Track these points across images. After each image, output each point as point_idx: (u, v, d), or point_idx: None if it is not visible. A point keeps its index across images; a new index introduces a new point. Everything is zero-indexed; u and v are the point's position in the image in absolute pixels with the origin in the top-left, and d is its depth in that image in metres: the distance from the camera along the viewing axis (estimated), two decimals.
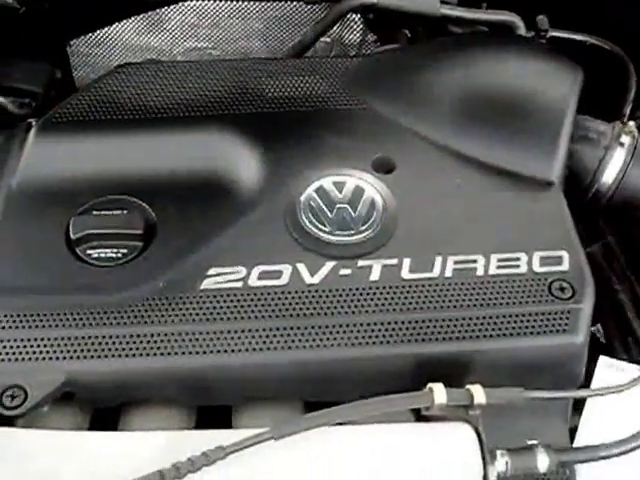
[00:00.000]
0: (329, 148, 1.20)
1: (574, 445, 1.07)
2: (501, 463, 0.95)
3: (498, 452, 0.96)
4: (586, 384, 1.09)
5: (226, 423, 1.05)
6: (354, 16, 1.72)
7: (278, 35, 1.73)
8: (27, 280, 1.07)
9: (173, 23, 1.69)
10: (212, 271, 1.06)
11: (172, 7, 1.68)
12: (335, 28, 1.67)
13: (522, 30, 1.46)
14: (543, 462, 0.96)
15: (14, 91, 1.44)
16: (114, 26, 1.68)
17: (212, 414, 1.07)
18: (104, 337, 1.00)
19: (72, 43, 1.67)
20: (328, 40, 1.72)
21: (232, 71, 1.31)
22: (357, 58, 1.37)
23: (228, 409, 1.07)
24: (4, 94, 1.42)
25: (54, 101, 1.37)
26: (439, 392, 0.94)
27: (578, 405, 1.09)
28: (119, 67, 1.31)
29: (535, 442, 0.99)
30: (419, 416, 1.02)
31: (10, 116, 1.42)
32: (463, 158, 1.19)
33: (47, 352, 1.00)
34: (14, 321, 1.02)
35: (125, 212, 1.12)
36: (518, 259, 1.08)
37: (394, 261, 1.07)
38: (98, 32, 1.67)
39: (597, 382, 1.10)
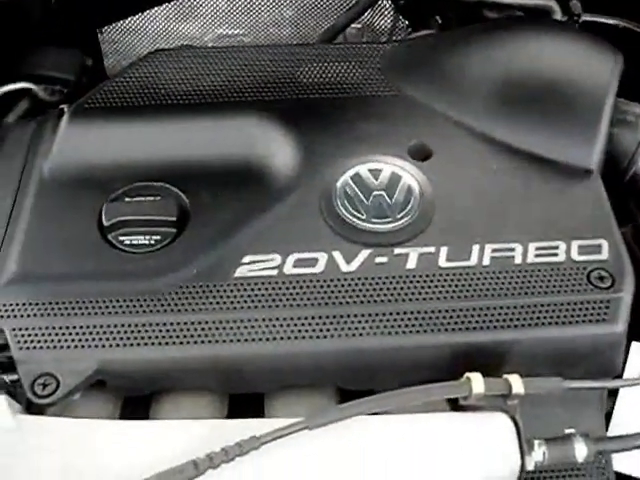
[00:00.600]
0: (364, 134, 1.19)
1: (608, 433, 1.06)
2: (538, 453, 0.94)
3: (535, 442, 0.95)
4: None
5: (258, 411, 1.05)
6: (385, 2, 1.71)
7: (309, 22, 1.72)
8: (59, 267, 1.06)
9: (204, 10, 1.69)
10: (246, 259, 1.05)
11: None
12: (366, 14, 1.66)
13: (558, 14, 1.44)
14: (581, 452, 0.94)
15: (46, 79, 1.44)
16: (145, 13, 1.67)
17: (243, 402, 1.06)
18: (137, 325, 1.00)
19: (103, 30, 1.66)
20: (359, 26, 1.71)
21: (266, 57, 1.30)
22: (391, 44, 1.35)
23: (260, 397, 1.06)
24: (36, 81, 1.41)
25: (85, 89, 1.36)
26: (477, 382, 0.93)
27: (612, 392, 1.08)
28: (152, 53, 1.30)
29: (572, 431, 0.97)
30: (454, 406, 1.01)
31: (41, 103, 1.41)
32: (500, 145, 1.17)
33: (79, 340, 0.99)
34: (45, 308, 1.01)
35: (158, 198, 1.11)
36: (556, 247, 1.07)
37: (431, 249, 1.06)
38: (129, 19, 1.66)
39: (631, 369, 1.08)
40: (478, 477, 0.94)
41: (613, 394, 1.08)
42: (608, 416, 1.08)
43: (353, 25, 1.64)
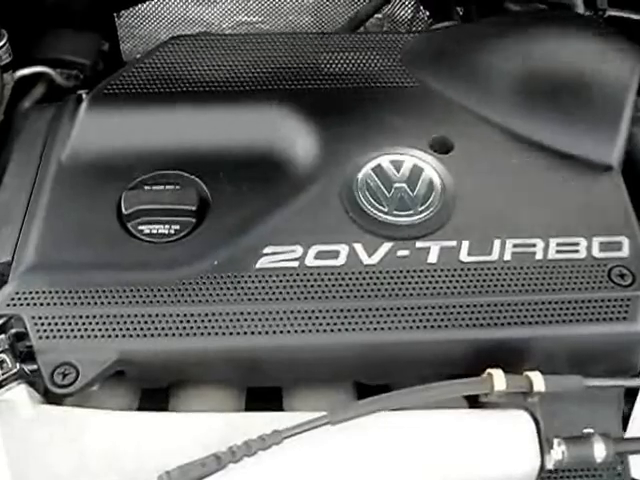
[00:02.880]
0: (386, 126, 1.18)
1: (627, 434, 1.05)
2: (558, 452, 0.93)
3: (555, 441, 0.94)
4: None
5: (275, 404, 1.04)
6: None
7: (328, 11, 1.71)
8: (78, 256, 1.05)
9: None
10: (268, 250, 1.04)
11: None
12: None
13: (581, 8, 1.43)
14: (600, 452, 0.94)
15: (62, 63, 1.43)
16: None
17: (261, 395, 1.06)
18: (157, 315, 0.99)
19: (120, 15, 1.65)
20: (379, 16, 1.70)
21: (288, 45, 1.28)
22: (414, 35, 1.33)
23: (276, 390, 1.06)
24: (52, 65, 1.40)
25: (102, 74, 1.36)
26: (499, 378, 0.92)
27: (629, 392, 1.07)
28: (172, 39, 1.29)
29: (591, 431, 0.97)
30: (472, 402, 1.01)
31: (58, 88, 1.40)
32: (522, 140, 1.17)
33: (99, 330, 0.98)
34: (65, 297, 1.00)
35: (178, 187, 1.10)
36: (577, 244, 1.06)
37: (452, 243, 1.05)
38: (147, 4, 1.65)
39: None
40: (498, 475, 0.93)
41: (630, 394, 1.07)
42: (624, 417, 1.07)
43: None
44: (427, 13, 1.71)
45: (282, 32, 1.68)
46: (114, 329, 0.98)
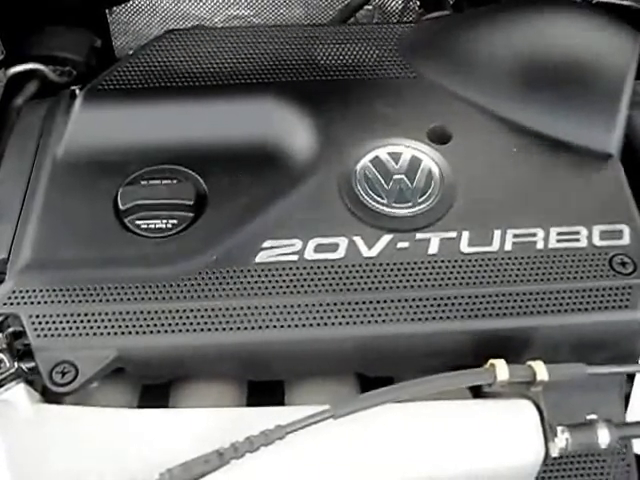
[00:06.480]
0: (383, 117, 1.17)
1: (626, 416, 1.06)
2: (562, 439, 0.93)
3: (558, 428, 0.94)
4: None
5: (276, 398, 1.04)
6: None
7: (319, 3, 1.69)
8: (75, 252, 1.04)
9: None
10: (267, 244, 1.03)
11: None
12: None
13: None
14: (604, 437, 0.93)
15: (55, 59, 1.43)
16: None
17: (262, 390, 1.06)
18: (156, 312, 0.98)
19: (113, 11, 1.64)
20: (370, 7, 1.69)
21: (282, 38, 1.27)
22: (408, 25, 1.33)
23: (278, 384, 1.06)
24: (45, 62, 1.40)
25: (94, 70, 1.35)
26: (501, 368, 0.92)
27: (629, 377, 1.08)
28: (166, 33, 1.28)
29: (595, 417, 0.97)
30: (476, 392, 1.01)
31: (51, 84, 1.39)
32: (520, 129, 1.16)
33: (97, 327, 0.97)
34: (63, 295, 1.00)
35: (175, 182, 1.09)
36: (578, 233, 1.06)
37: (453, 234, 1.05)
38: (139, 0, 1.64)
39: None
40: (503, 464, 0.93)
41: (630, 379, 1.07)
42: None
43: None
44: (418, 3, 1.70)
45: (278, 24, 1.67)
46: (113, 326, 0.97)
